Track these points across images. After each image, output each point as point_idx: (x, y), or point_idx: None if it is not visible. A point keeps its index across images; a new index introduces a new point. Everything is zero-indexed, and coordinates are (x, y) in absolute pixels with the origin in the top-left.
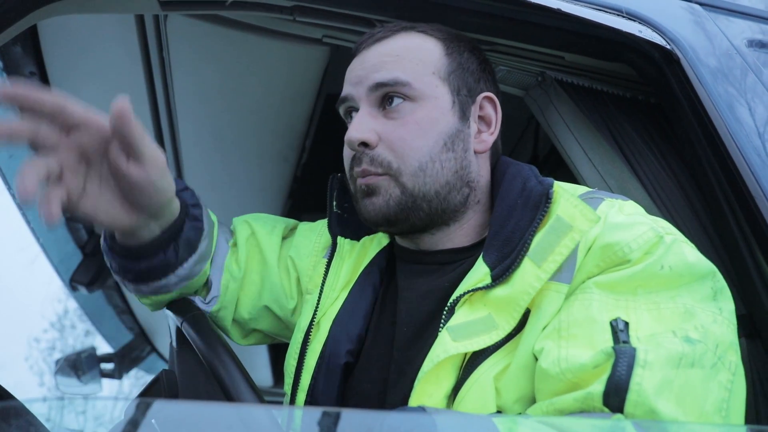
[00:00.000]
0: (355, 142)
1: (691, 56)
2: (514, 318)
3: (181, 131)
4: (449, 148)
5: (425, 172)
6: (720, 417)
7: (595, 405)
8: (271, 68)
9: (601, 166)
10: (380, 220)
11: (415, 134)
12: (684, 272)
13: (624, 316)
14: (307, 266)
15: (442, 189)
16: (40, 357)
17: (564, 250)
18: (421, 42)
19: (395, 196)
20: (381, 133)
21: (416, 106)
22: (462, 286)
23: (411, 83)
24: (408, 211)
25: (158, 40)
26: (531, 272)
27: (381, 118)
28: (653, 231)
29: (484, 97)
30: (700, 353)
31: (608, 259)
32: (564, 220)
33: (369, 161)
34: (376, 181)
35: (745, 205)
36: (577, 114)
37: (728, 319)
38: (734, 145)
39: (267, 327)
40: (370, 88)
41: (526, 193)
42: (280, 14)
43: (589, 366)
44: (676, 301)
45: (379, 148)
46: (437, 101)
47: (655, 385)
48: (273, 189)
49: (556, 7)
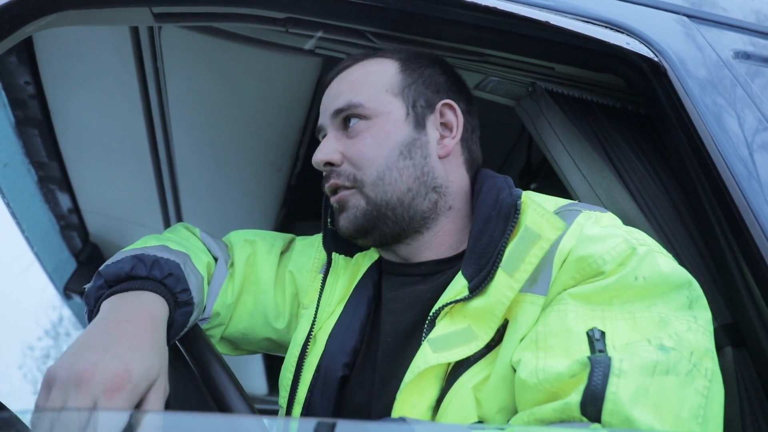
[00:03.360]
0: (320, 163)
1: (678, 68)
2: (492, 328)
3: (176, 141)
4: (406, 156)
5: (384, 181)
6: (697, 424)
7: (573, 415)
8: (265, 78)
9: (590, 175)
10: (353, 231)
11: (370, 147)
12: (659, 282)
13: (600, 326)
14: (306, 281)
15: (404, 196)
16: (34, 365)
17: (533, 259)
18: (377, 65)
19: (361, 208)
20: (343, 152)
21: (371, 122)
22: (441, 299)
23: (363, 104)
24: (375, 220)
25: (152, 50)
26: (504, 283)
27: (344, 139)
28: (626, 243)
29: (443, 104)
30: (674, 360)
31: (583, 272)
32: (532, 229)
33: (336, 176)
34: (344, 195)
35: (731, 215)
36: (567, 124)
37: (704, 327)
38: (720, 156)
39: (258, 346)
40: (332, 115)
41: (498, 204)
42: (273, 26)
43: (566, 375)
44: (651, 311)
45: (344, 165)
46: (390, 115)
47: (630, 393)
48: (267, 198)
49: (544, 20)
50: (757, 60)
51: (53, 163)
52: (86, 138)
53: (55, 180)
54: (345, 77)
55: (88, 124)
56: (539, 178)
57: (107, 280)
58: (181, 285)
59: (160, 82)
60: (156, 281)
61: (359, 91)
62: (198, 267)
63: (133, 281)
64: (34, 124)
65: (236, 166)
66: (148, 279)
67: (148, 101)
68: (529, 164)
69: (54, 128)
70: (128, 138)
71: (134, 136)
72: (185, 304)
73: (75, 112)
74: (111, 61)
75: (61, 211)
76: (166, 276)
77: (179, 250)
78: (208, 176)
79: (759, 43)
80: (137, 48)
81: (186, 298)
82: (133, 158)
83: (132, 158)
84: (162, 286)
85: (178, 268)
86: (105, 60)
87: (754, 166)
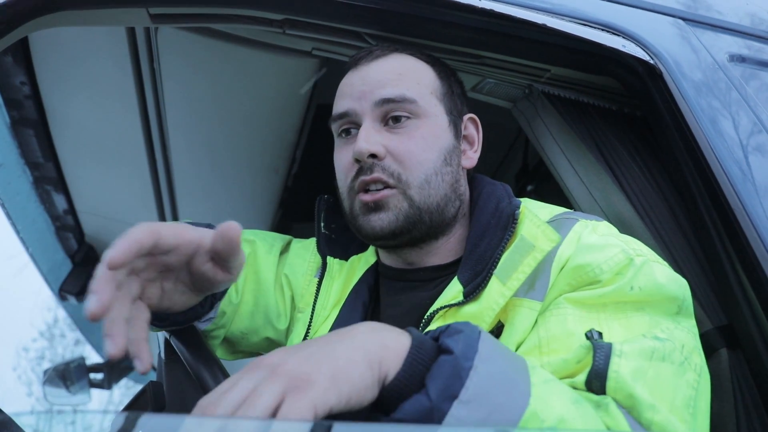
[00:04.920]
0: (365, 153)
1: (674, 70)
2: None
3: (172, 142)
4: (448, 162)
5: (430, 185)
6: (689, 414)
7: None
8: (262, 79)
9: (586, 177)
10: (387, 234)
11: (421, 148)
12: (653, 292)
13: (597, 327)
14: (301, 285)
15: (441, 201)
16: (28, 367)
17: (527, 268)
18: (417, 64)
19: (404, 210)
20: (387, 146)
21: (420, 122)
22: (437, 303)
23: (417, 101)
24: (413, 224)
25: (149, 51)
26: (497, 290)
27: (385, 132)
28: (624, 253)
29: (469, 118)
30: (669, 349)
31: (580, 279)
32: (527, 240)
33: (380, 170)
34: (385, 195)
35: (725, 217)
36: (563, 126)
37: (688, 329)
38: (715, 158)
39: (257, 347)
40: (376, 103)
41: (498, 213)
42: (270, 27)
43: (572, 361)
44: (641, 313)
45: (387, 160)
46: (437, 119)
47: (630, 371)
48: (264, 199)
49: (541, 22)
50: (752, 63)
51: (49, 164)
52: (82, 138)
53: (51, 180)
54: (384, 66)
55: (84, 124)
56: (535, 181)
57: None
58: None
59: (157, 83)
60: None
61: (410, 87)
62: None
63: None
64: (30, 125)
65: (233, 168)
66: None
67: (145, 102)
68: (525, 166)
69: (49, 129)
70: (124, 139)
71: (130, 137)
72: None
73: (71, 112)
74: (107, 62)
75: (57, 212)
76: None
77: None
78: (204, 177)
79: (754, 46)
80: (134, 49)
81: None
82: (130, 159)
83: (128, 159)
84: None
85: None
86: (101, 61)
87: (749, 168)
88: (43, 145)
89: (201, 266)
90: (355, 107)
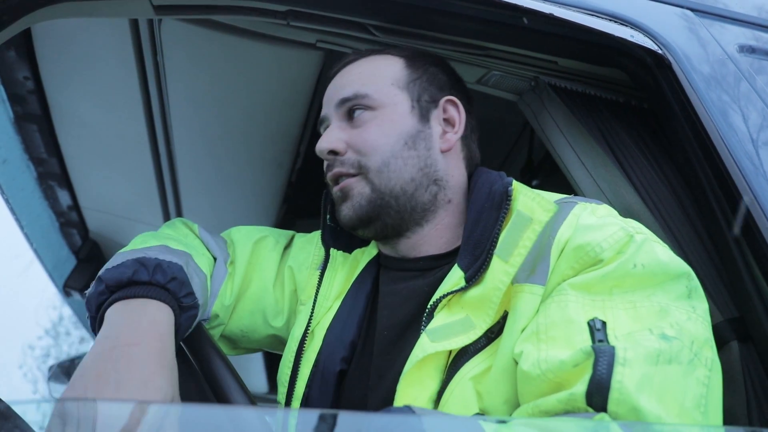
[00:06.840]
0: (324, 151)
1: (683, 61)
2: (489, 316)
3: (176, 135)
4: (410, 146)
5: (389, 168)
6: (699, 413)
7: (578, 405)
8: (266, 73)
9: (593, 169)
10: (356, 220)
11: (376, 135)
12: (657, 271)
13: (601, 316)
14: (304, 278)
15: (408, 185)
16: (34, 364)
17: (527, 242)
18: (383, 60)
19: (366, 195)
20: (348, 141)
21: (376, 113)
22: (439, 291)
23: (370, 94)
24: (378, 208)
25: (152, 43)
26: (500, 268)
27: (349, 129)
28: (624, 231)
29: (447, 100)
30: (676, 350)
31: (581, 260)
32: (524, 213)
33: (340, 164)
34: (347, 183)
35: (736, 209)
36: (570, 118)
37: (702, 317)
38: (726, 150)
39: (259, 344)
40: (337, 105)
41: (491, 195)
42: (274, 19)
43: (569, 365)
44: (651, 300)
45: (348, 154)
46: (395, 107)
47: (636, 382)
48: (267, 194)
49: (548, 12)
50: (762, 54)
51: (52, 159)
52: (86, 134)
53: (55, 176)
54: (350, 70)
55: (88, 119)
56: (541, 175)
57: (108, 286)
58: (185, 289)
59: (160, 78)
60: (159, 287)
61: (366, 83)
62: (200, 265)
63: (135, 287)
64: (33, 120)
65: (237, 162)
66: (150, 284)
67: (148, 96)
68: (530, 161)
69: (53, 124)
70: (128, 134)
71: (134, 132)
72: (190, 307)
73: (74, 107)
74: (111, 57)
75: (61, 208)
76: (169, 280)
77: (181, 249)
78: (208, 172)
79: (763, 38)
80: (137, 42)
81: (191, 302)
82: (133, 154)
83: (132, 154)
84: (165, 291)
85: (182, 271)
86: (105, 55)
87: (760, 160)
88: (46, 141)
89: None
90: (327, 112)
